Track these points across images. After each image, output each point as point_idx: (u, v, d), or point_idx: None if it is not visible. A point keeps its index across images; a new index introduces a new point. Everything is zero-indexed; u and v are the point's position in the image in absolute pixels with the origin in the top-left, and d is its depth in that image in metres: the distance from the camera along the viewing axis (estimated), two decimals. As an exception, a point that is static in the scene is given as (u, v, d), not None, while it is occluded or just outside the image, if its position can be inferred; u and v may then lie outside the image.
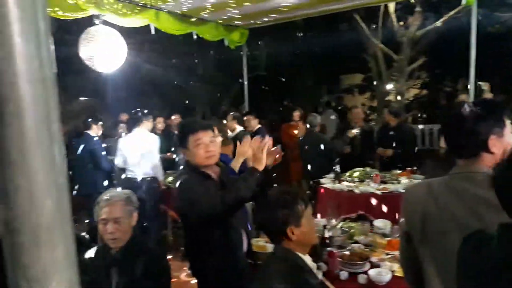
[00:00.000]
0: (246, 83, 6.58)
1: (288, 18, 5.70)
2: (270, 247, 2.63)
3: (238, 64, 6.95)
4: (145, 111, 5.02)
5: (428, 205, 1.37)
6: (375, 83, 11.50)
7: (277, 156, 2.58)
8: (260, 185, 2.24)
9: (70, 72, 8.79)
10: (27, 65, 0.32)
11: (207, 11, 4.81)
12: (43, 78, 0.33)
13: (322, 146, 5.22)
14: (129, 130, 5.29)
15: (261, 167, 2.23)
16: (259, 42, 10.00)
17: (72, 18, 4.36)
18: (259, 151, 2.23)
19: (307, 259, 1.76)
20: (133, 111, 5.17)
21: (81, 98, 12.03)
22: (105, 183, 4.99)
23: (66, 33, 8.56)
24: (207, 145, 2.24)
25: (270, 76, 10.77)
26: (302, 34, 10.74)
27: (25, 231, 0.32)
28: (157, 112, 7.47)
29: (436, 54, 10.59)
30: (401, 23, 9.91)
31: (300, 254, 1.71)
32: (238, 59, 6.82)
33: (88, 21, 4.13)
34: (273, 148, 2.58)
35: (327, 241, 2.60)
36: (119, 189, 2.25)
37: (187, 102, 11.38)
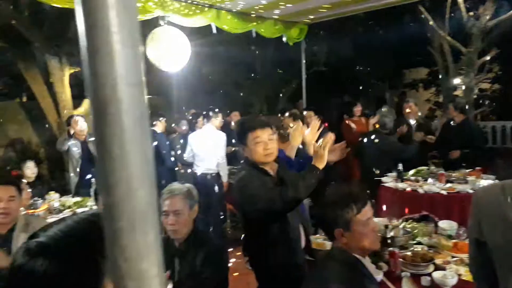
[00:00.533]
0: (304, 79, 6.55)
1: (349, 12, 5.59)
2: (329, 245, 2.62)
3: (296, 60, 6.93)
4: (216, 110, 5.17)
5: (505, 210, 1.28)
6: (441, 77, 10.91)
7: (341, 152, 2.55)
8: (320, 182, 2.23)
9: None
10: (125, 70, 0.36)
11: (265, 8, 4.86)
12: (138, 82, 0.37)
13: (387, 144, 5.00)
14: (192, 127, 5.49)
15: (321, 165, 2.22)
16: (319, 38, 9.87)
17: (140, 20, 4.58)
18: (321, 148, 2.22)
19: (367, 262, 1.69)
20: (203, 108, 5.34)
21: (147, 96, 12.63)
22: (169, 177, 5.21)
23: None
24: (266, 143, 2.28)
25: (330, 71, 10.60)
26: (363, 28, 10.45)
27: (123, 217, 0.36)
28: (217, 109, 7.66)
29: (509, 45, 9.82)
30: (471, 13, 9.29)
31: (358, 256, 1.64)
32: (296, 55, 6.81)
33: (153, 22, 4.34)
34: (337, 144, 2.56)
35: (389, 241, 2.54)
36: (180, 183, 2.35)
37: (244, 98, 11.54)
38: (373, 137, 5.04)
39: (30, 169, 4.58)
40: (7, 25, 6.85)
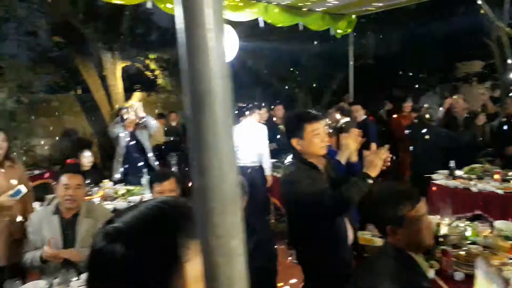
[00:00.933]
0: (352, 72, 6.44)
1: (400, 4, 5.43)
2: (377, 241, 2.59)
3: (342, 53, 6.82)
4: (255, 103, 5.24)
5: None
6: (497, 71, 10.32)
7: (386, 161, 2.52)
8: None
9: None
10: (218, 65, 0.40)
11: (314, 1, 4.81)
12: (227, 74, 0.40)
13: (438, 135, 4.83)
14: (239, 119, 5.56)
15: (374, 174, 2.19)
16: (367, 30, 9.64)
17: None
18: (376, 157, 2.18)
19: (420, 259, 1.66)
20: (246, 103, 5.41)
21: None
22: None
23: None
24: (323, 135, 2.29)
25: (378, 65, 10.33)
26: (413, 20, 10.06)
27: (216, 199, 0.39)
28: (260, 102, 7.70)
29: None
30: (533, 2, 8.69)
31: (411, 254, 1.61)
32: (342, 48, 6.70)
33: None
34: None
35: (441, 239, 2.47)
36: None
37: (288, 92, 11.50)
38: (424, 131, 4.88)
39: (87, 158, 4.84)
40: (65, 22, 7.25)
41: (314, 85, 11.33)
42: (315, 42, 10.22)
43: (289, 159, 2.53)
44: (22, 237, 3.47)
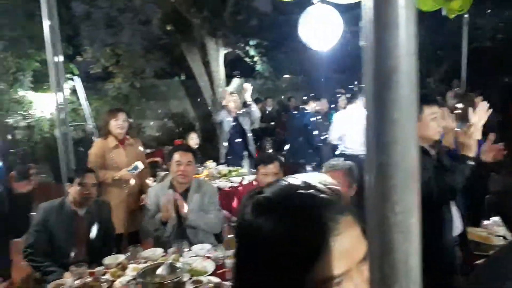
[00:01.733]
0: (464, 56, 5.91)
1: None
2: (495, 240, 2.39)
3: (453, 34, 6.27)
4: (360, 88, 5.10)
5: None
6: None
7: (498, 153, 2.35)
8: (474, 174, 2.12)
9: (284, 50, 9.54)
10: (407, 42, 0.40)
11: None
12: (415, 52, 0.40)
13: None
14: (336, 107, 5.47)
15: (471, 153, 2.12)
16: (483, 9, 8.72)
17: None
18: (466, 138, 2.11)
19: None
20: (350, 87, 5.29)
21: (286, 76, 12.99)
22: (313, 156, 5.30)
23: (281, 14, 9.30)
24: (440, 121, 2.21)
25: (495, 47, 9.31)
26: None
27: (397, 176, 0.40)
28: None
29: None
30: None
31: None
32: (451, 29, 6.15)
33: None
34: (494, 145, 2.37)
35: None
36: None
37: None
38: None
39: (193, 140, 5.18)
40: (175, 10, 7.74)
41: (419, 69, 10.62)
42: (421, 24, 9.54)
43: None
44: (138, 208, 3.88)
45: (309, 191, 0.65)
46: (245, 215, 0.67)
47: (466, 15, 5.71)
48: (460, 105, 4.07)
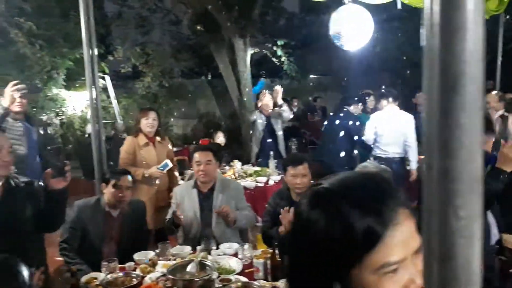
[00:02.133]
0: (499, 57, 5.73)
1: None
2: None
3: (488, 35, 6.07)
4: (391, 90, 4.98)
5: None
6: None
7: None
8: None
9: (310, 50, 9.48)
10: (476, 47, 0.40)
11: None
12: (482, 58, 0.40)
13: None
14: (366, 108, 5.36)
15: (510, 168, 2.01)
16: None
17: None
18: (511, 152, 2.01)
19: None
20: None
21: (312, 76, 12.91)
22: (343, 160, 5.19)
23: (308, 14, 9.26)
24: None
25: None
26: None
27: (462, 180, 0.40)
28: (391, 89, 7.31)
29: None
30: None
31: None
32: (489, 30, 5.95)
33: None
34: None
35: None
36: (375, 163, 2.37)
37: (417, 78, 10.70)
38: None
39: (220, 139, 5.23)
40: (205, 11, 7.81)
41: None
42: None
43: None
44: (166, 205, 3.94)
45: (371, 181, 0.68)
46: (302, 206, 0.69)
47: (502, 16, 5.54)
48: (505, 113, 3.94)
